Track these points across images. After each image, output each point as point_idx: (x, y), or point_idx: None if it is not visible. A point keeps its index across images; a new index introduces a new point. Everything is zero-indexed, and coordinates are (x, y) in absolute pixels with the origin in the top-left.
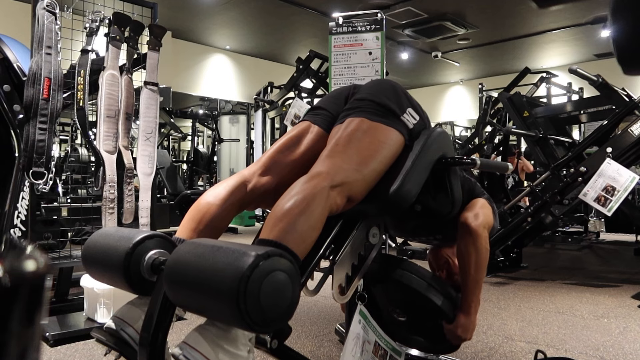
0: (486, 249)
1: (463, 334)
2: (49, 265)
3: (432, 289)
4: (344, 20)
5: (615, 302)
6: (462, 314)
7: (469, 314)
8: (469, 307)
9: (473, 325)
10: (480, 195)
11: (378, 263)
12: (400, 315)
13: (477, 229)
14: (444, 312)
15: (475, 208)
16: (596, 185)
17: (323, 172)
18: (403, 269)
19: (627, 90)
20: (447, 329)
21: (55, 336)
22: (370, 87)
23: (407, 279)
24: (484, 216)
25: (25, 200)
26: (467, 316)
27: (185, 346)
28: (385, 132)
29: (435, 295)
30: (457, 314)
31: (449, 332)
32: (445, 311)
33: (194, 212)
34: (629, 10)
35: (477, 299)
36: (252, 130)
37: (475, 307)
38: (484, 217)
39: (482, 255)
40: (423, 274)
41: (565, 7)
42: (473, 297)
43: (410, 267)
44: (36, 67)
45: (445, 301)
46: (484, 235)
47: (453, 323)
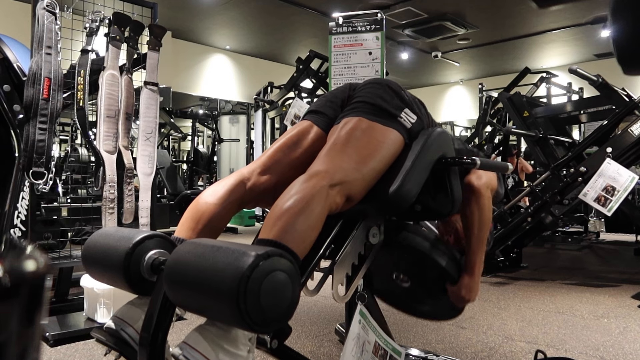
0: (489, 209)
1: (467, 295)
2: (49, 265)
3: (436, 250)
4: (344, 20)
5: (615, 302)
6: (466, 274)
7: (472, 274)
8: (473, 267)
9: (477, 286)
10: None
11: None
12: (404, 280)
13: (480, 188)
14: (448, 273)
15: (478, 171)
16: (596, 185)
17: (322, 171)
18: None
19: (627, 90)
20: (451, 290)
21: (55, 336)
22: (366, 88)
23: (411, 240)
24: (487, 178)
25: (25, 200)
26: (471, 276)
27: (185, 346)
28: (383, 132)
29: (440, 256)
30: (462, 274)
31: (453, 294)
32: (450, 272)
33: (193, 212)
34: (629, 10)
35: (480, 260)
36: (252, 130)
37: (479, 268)
38: (487, 178)
39: (485, 214)
40: (426, 235)
41: (565, 7)
42: (477, 257)
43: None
44: (36, 67)
45: (449, 262)
46: (487, 195)
47: (457, 284)
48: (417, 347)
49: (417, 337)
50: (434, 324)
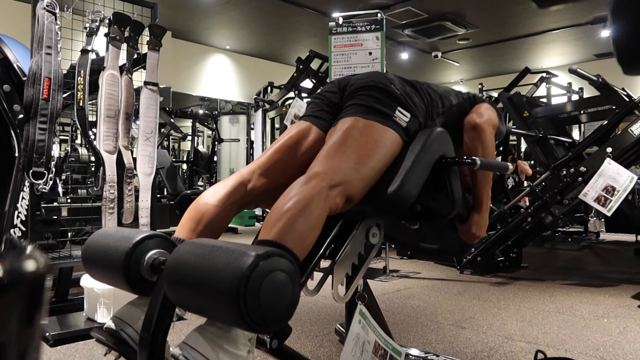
0: (492, 144)
1: (477, 231)
2: (49, 265)
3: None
4: (344, 20)
5: (615, 302)
6: (475, 211)
7: (481, 210)
8: (481, 203)
9: (485, 222)
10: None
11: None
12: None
13: (482, 124)
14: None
15: (479, 109)
16: (596, 185)
17: (321, 172)
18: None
19: (627, 90)
20: (461, 228)
21: (55, 336)
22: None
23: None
24: (488, 115)
25: (25, 200)
26: (479, 213)
27: (185, 346)
28: (381, 131)
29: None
30: (470, 212)
31: (463, 232)
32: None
33: (193, 212)
34: (629, 10)
35: (487, 195)
36: (252, 130)
37: (487, 204)
38: (488, 115)
39: (489, 149)
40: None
41: (565, 7)
42: (484, 192)
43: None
44: (36, 67)
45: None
46: (488, 130)
47: (466, 222)
48: (417, 347)
49: (417, 337)
50: (434, 324)
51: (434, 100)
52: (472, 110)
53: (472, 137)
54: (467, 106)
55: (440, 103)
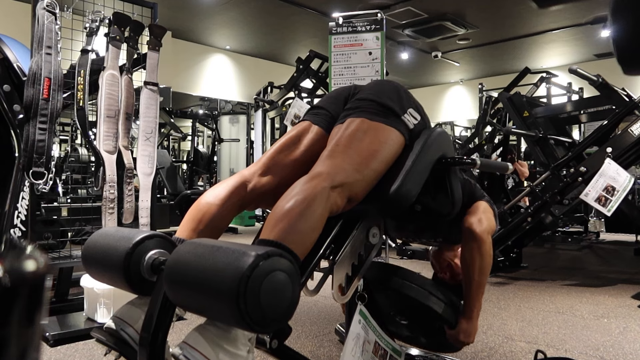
0: (490, 255)
1: (465, 339)
2: (49, 265)
3: (433, 297)
4: (344, 20)
5: (615, 302)
6: (464, 318)
7: (470, 318)
8: (472, 312)
9: (475, 330)
10: (481, 198)
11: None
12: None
13: (482, 235)
14: (446, 319)
15: (478, 213)
16: (597, 185)
17: (323, 172)
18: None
19: (627, 90)
20: (449, 334)
21: (55, 336)
22: (372, 87)
23: (407, 288)
24: (488, 221)
25: (25, 200)
26: (469, 321)
27: (185, 346)
28: (385, 132)
29: (436, 303)
30: (459, 319)
31: (451, 337)
32: (447, 318)
33: (194, 212)
34: (629, 10)
35: (479, 304)
36: (252, 130)
37: (477, 312)
38: (487, 222)
39: (486, 260)
40: (422, 282)
41: (565, 7)
42: (475, 302)
43: (409, 276)
44: (36, 67)
45: (447, 308)
46: (488, 241)
47: (455, 329)
48: (417, 347)
49: None
50: None
51: None
52: (471, 212)
53: (471, 247)
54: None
55: None
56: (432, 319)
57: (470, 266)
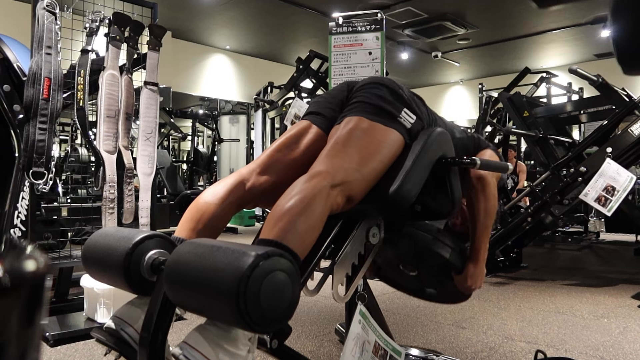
0: (494, 196)
1: (473, 283)
2: (49, 265)
3: (439, 242)
4: (344, 20)
5: (615, 302)
6: (471, 263)
7: (477, 261)
8: (478, 254)
9: (482, 274)
10: (486, 146)
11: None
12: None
13: (486, 177)
14: (453, 264)
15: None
16: (597, 185)
17: (323, 171)
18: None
19: (627, 90)
20: (457, 279)
21: (55, 336)
22: (365, 90)
23: (413, 234)
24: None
25: (25, 200)
26: (476, 264)
27: (186, 346)
28: (384, 132)
29: (442, 248)
30: (467, 263)
31: (459, 282)
32: (454, 263)
33: (193, 212)
34: (629, 10)
35: (485, 247)
36: (252, 130)
37: (484, 255)
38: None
39: (491, 202)
40: (428, 228)
41: (565, 7)
42: (482, 244)
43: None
44: (36, 67)
45: (453, 253)
46: (492, 183)
47: (462, 273)
48: (417, 347)
49: (417, 337)
50: (433, 324)
51: (438, 123)
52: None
53: (476, 188)
54: (470, 144)
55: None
56: (440, 265)
57: (475, 208)
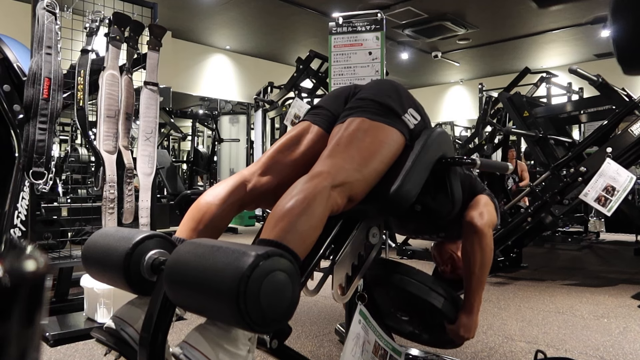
0: (491, 249)
1: (465, 334)
2: (49, 265)
3: (433, 292)
4: (344, 20)
5: (615, 302)
6: (464, 313)
7: (471, 313)
8: (472, 306)
9: (475, 324)
10: (482, 192)
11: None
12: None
13: (483, 229)
14: (446, 314)
15: (479, 206)
16: (597, 185)
17: (324, 171)
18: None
19: (627, 90)
20: (450, 329)
21: (55, 336)
22: (372, 86)
23: (407, 283)
24: (489, 214)
25: (25, 200)
26: (469, 316)
27: (186, 345)
28: (386, 132)
29: (436, 298)
30: (460, 314)
31: (452, 332)
32: (447, 313)
33: (194, 212)
34: (629, 10)
35: (479, 299)
36: (252, 130)
37: (478, 307)
38: (488, 215)
39: (487, 254)
40: (422, 277)
41: (565, 7)
42: (476, 296)
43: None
44: (36, 67)
45: (446, 303)
46: (489, 235)
47: (455, 323)
48: (417, 347)
49: None
50: None
51: None
52: (473, 205)
53: (472, 240)
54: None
55: None
56: (433, 315)
57: (471, 260)
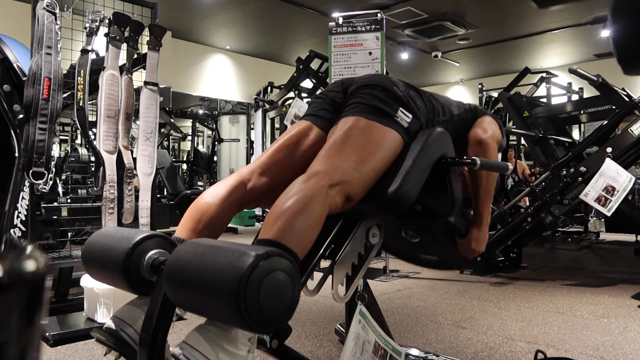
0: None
1: (477, 247)
2: (49, 265)
3: None
4: (344, 20)
5: (615, 302)
6: (475, 227)
7: (481, 225)
8: (481, 218)
9: (485, 237)
10: (484, 114)
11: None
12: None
13: (487, 140)
14: (457, 228)
15: (483, 123)
16: (597, 185)
17: (321, 171)
18: None
19: (627, 90)
20: (461, 243)
21: (55, 336)
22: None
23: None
24: (492, 130)
25: (25, 200)
26: (479, 229)
27: (186, 346)
28: (382, 131)
29: None
30: (470, 227)
31: (463, 246)
32: (458, 227)
33: (193, 212)
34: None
35: (487, 211)
36: (252, 130)
37: (487, 219)
38: (492, 131)
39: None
40: None
41: (565, 7)
42: (484, 208)
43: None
44: (36, 67)
45: (457, 217)
46: (493, 146)
47: (466, 237)
48: (417, 347)
49: (417, 337)
50: (434, 324)
51: (436, 107)
52: (476, 124)
53: (476, 152)
54: (468, 117)
55: (441, 111)
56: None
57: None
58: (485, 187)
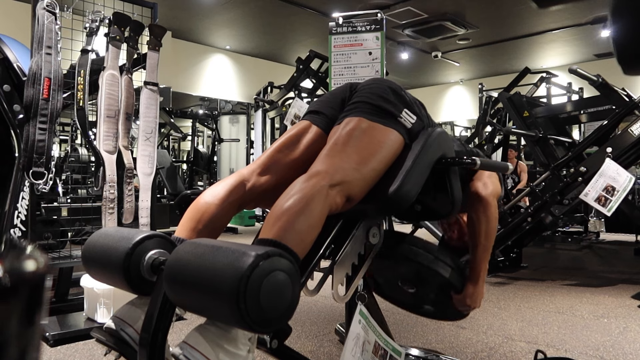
0: (495, 218)
1: (472, 303)
2: (49, 265)
3: (439, 262)
4: (344, 20)
5: (615, 302)
6: (471, 283)
7: (477, 282)
8: (478, 276)
9: (481, 294)
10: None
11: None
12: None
13: (488, 198)
14: (452, 284)
15: (483, 177)
16: (597, 185)
17: (322, 171)
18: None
19: (627, 90)
20: (456, 298)
21: (55, 336)
22: (366, 89)
23: (414, 254)
24: (493, 185)
25: (25, 200)
26: (475, 285)
27: (186, 346)
28: (383, 132)
29: (443, 268)
30: (466, 283)
31: (458, 302)
32: (453, 282)
33: (193, 212)
34: (629, 10)
35: (485, 268)
36: (252, 130)
37: (484, 276)
38: (492, 185)
39: (492, 223)
40: (429, 247)
41: (565, 7)
42: (482, 266)
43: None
44: (36, 67)
45: (453, 272)
46: (493, 204)
47: (462, 293)
48: (417, 347)
49: (417, 337)
50: (434, 324)
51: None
52: (477, 177)
53: (477, 209)
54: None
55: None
56: (440, 285)
57: (477, 229)
58: (484, 245)
